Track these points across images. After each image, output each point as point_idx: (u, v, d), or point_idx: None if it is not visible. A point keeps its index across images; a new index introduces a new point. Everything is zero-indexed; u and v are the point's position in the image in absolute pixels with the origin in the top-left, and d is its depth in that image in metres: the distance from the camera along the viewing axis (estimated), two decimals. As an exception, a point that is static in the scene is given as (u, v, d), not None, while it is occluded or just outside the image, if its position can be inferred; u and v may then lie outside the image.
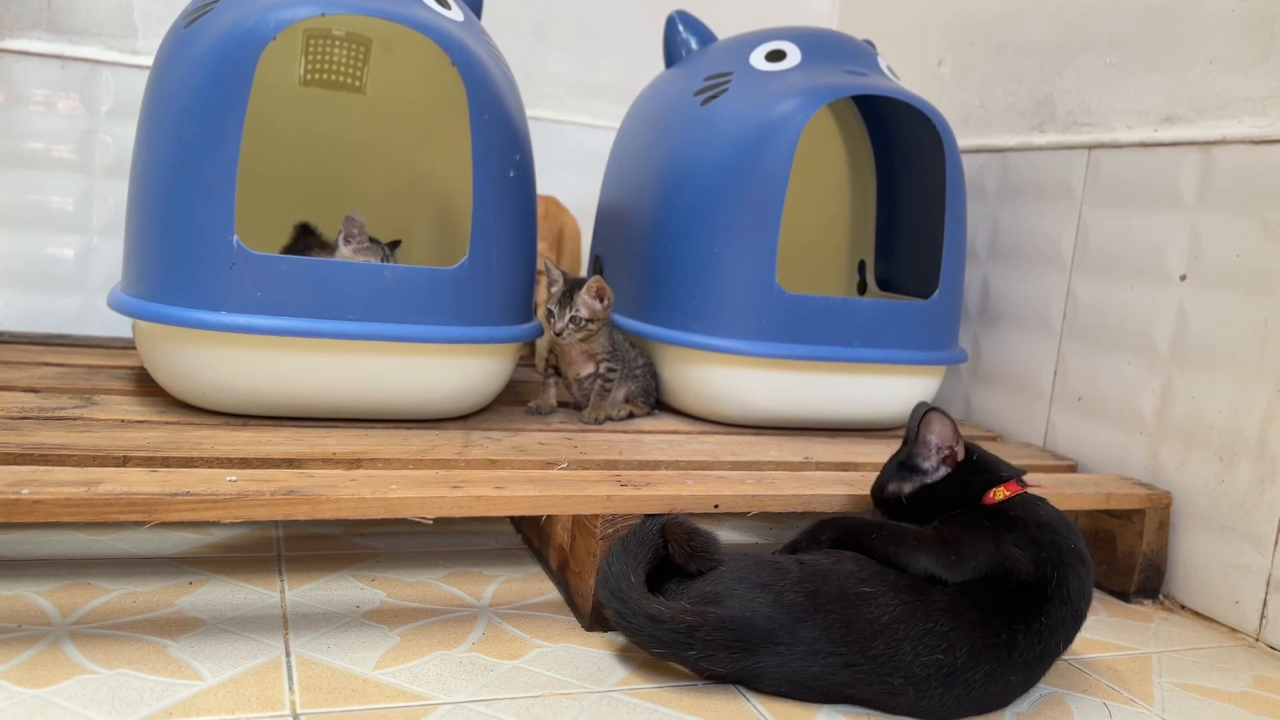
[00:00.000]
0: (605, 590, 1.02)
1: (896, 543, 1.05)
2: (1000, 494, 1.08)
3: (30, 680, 0.90)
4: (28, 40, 1.72)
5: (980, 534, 1.04)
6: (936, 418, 1.10)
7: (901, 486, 1.12)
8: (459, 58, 1.27)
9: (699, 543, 1.05)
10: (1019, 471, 1.12)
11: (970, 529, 1.05)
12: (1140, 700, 1.08)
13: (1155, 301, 1.45)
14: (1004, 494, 1.08)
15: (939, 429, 1.10)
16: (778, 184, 1.43)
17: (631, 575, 1.02)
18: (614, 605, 1.00)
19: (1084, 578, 1.04)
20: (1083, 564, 1.04)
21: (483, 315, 1.32)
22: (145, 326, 1.26)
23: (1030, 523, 1.05)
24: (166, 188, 1.21)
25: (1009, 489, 1.08)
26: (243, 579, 1.16)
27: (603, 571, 1.04)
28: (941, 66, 1.94)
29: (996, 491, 1.08)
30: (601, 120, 2.09)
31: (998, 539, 1.03)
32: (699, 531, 1.07)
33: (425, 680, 0.97)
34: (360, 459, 1.15)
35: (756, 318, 1.45)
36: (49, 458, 1.05)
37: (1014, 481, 1.10)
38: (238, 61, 1.19)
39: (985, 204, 1.78)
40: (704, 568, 1.04)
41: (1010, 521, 1.05)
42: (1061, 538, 1.04)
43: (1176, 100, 1.46)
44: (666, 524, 1.07)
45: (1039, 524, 1.05)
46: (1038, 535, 1.03)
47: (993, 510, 1.07)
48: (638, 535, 1.07)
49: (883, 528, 1.09)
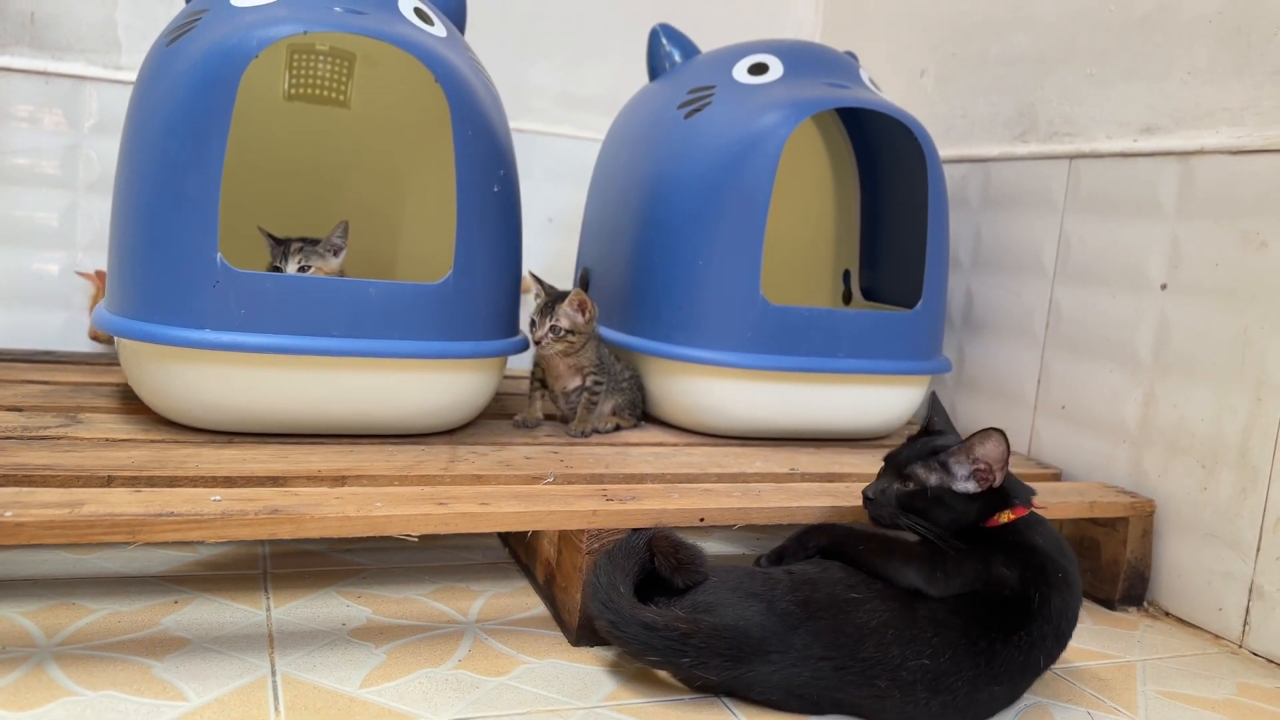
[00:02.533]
0: (596, 601, 1.02)
1: (885, 554, 1.06)
2: (1005, 518, 1.07)
3: (14, 703, 0.89)
4: (10, 56, 1.72)
5: (968, 555, 1.04)
6: (994, 437, 1.04)
7: (929, 476, 1.07)
8: (442, 74, 1.28)
9: (685, 555, 1.06)
10: (1030, 493, 1.10)
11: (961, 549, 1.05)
12: (1124, 709, 1.09)
13: (1137, 310, 1.46)
14: (1008, 518, 1.07)
15: (991, 448, 1.05)
16: (761, 196, 1.43)
17: (621, 586, 1.02)
18: (606, 616, 1.00)
19: (1068, 600, 1.04)
20: (1068, 588, 1.04)
21: (468, 330, 1.32)
22: (129, 344, 1.26)
23: (1024, 546, 1.04)
24: (149, 205, 1.21)
25: (1015, 513, 1.07)
26: (228, 597, 1.15)
27: (591, 583, 1.04)
28: (924, 77, 1.95)
29: (1001, 516, 1.07)
30: (586, 132, 2.10)
31: (987, 559, 1.03)
32: (685, 545, 1.07)
33: (411, 699, 0.97)
34: (345, 476, 1.15)
35: (742, 329, 1.45)
36: (33, 478, 1.04)
37: (1020, 506, 1.08)
38: (220, 79, 1.19)
39: (968, 213, 1.79)
40: (690, 581, 1.05)
41: (1003, 544, 1.05)
42: (1051, 562, 1.04)
43: (1156, 110, 1.47)
44: (653, 537, 1.08)
45: (1031, 548, 1.04)
46: (1028, 559, 1.03)
47: (990, 532, 1.07)
48: (624, 548, 1.08)
49: (871, 539, 1.09)
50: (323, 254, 1.48)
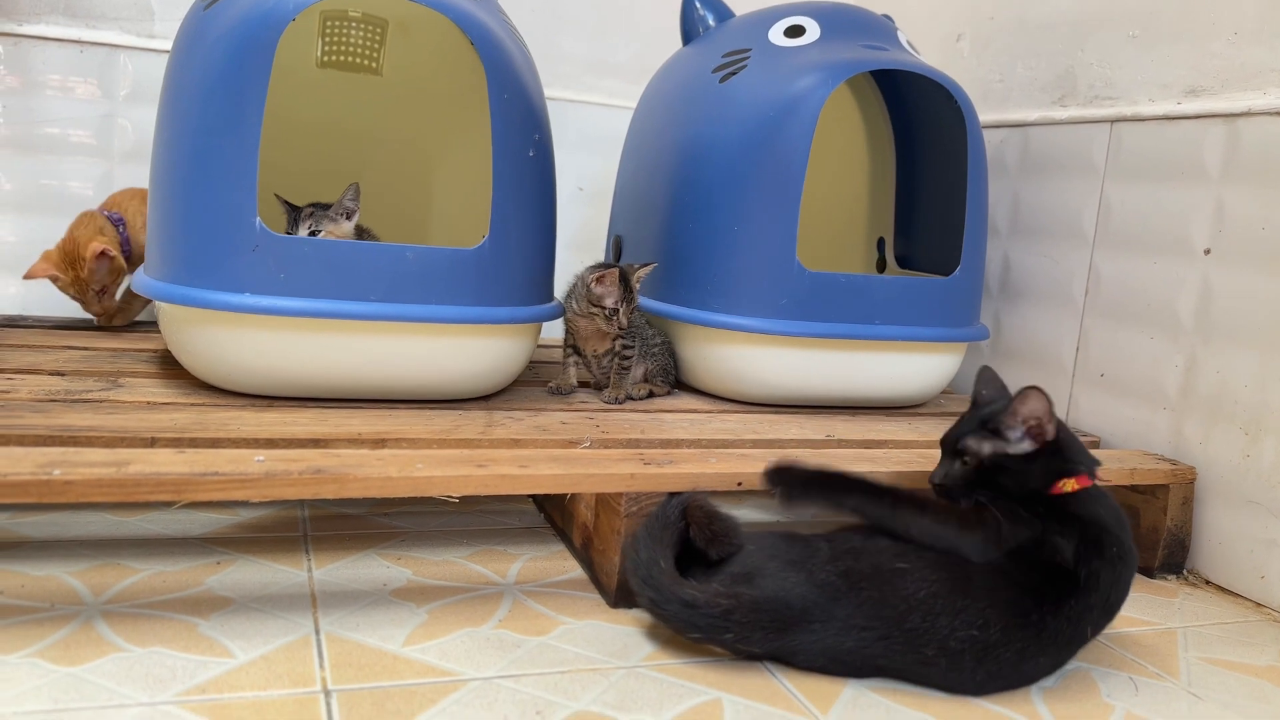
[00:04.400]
0: (636, 579, 1.02)
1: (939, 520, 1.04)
2: (1070, 486, 1.05)
3: (65, 659, 0.91)
4: (46, 25, 1.73)
5: (1022, 521, 1.02)
6: (1033, 394, 1.03)
7: (982, 446, 1.06)
8: (478, 38, 1.27)
9: (719, 527, 1.05)
10: (1094, 463, 1.08)
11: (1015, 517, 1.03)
12: (1167, 675, 1.08)
13: (1179, 276, 1.44)
14: (1072, 486, 1.05)
15: (1034, 404, 1.04)
16: (798, 160, 1.42)
17: (661, 561, 1.02)
18: (647, 594, 1.00)
19: (1121, 574, 1.02)
20: (1123, 561, 1.03)
21: (503, 295, 1.32)
22: (169, 309, 1.27)
23: (1084, 517, 1.03)
24: (188, 171, 1.22)
25: (1079, 482, 1.05)
26: (270, 558, 1.17)
27: (631, 560, 1.04)
28: (960, 41, 1.92)
29: (1066, 483, 1.05)
30: (616, 100, 2.08)
31: (1045, 526, 1.02)
32: (720, 515, 1.06)
33: (454, 656, 0.97)
34: (385, 439, 1.16)
35: (777, 296, 1.44)
36: (78, 439, 1.06)
37: (1084, 475, 1.06)
38: (258, 43, 1.19)
39: (1005, 179, 1.77)
40: (724, 553, 1.04)
41: (1064, 513, 1.03)
42: (1109, 534, 1.02)
43: (1201, 72, 1.44)
44: (688, 506, 1.07)
45: (1091, 519, 1.03)
46: (1086, 529, 1.02)
47: (1051, 500, 1.05)
48: (659, 519, 1.07)
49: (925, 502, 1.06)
50: (334, 218, 1.47)
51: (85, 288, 1.57)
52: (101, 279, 1.57)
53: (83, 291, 1.57)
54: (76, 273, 1.55)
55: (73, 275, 1.55)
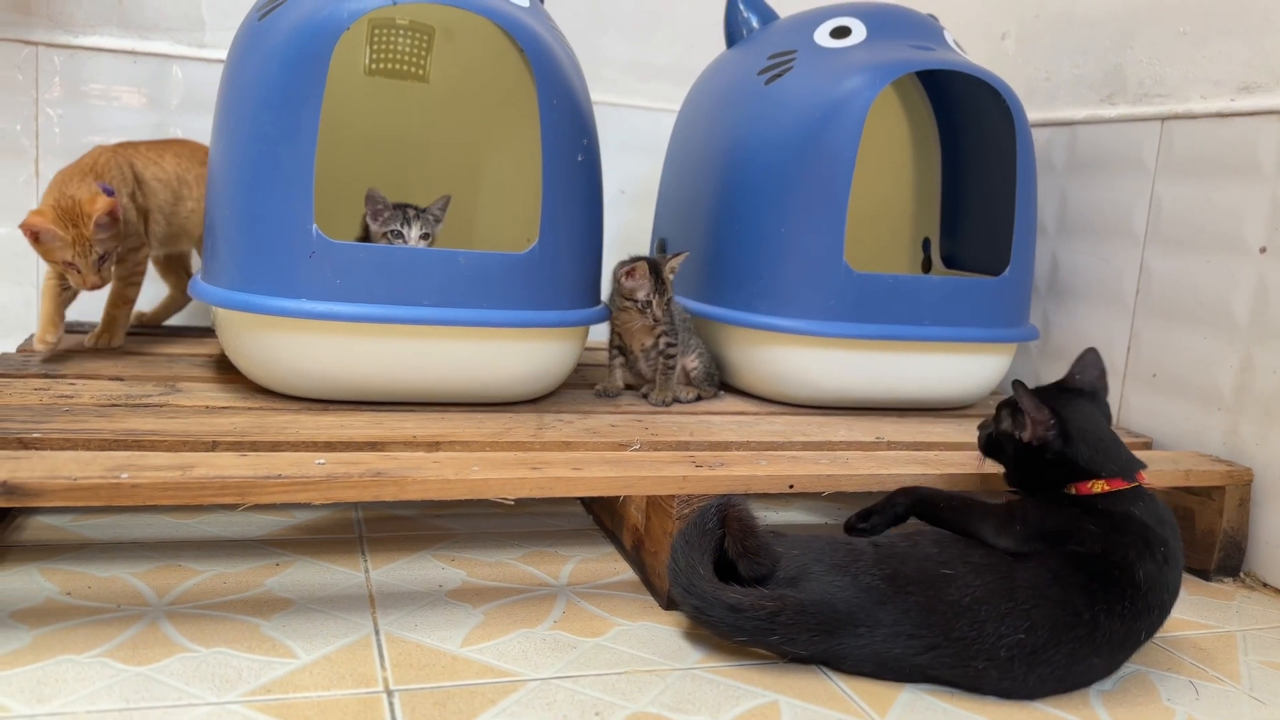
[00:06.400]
0: (678, 587, 1.02)
1: (963, 511, 1.08)
2: (1098, 487, 1.05)
3: (134, 658, 0.93)
4: (100, 36, 1.76)
5: (1048, 513, 1.04)
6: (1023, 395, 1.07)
7: (1004, 419, 1.13)
8: (527, 43, 1.28)
9: (753, 544, 1.03)
10: (1136, 466, 1.07)
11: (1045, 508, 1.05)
12: (1227, 679, 1.07)
13: (1234, 274, 1.42)
14: (1102, 488, 1.04)
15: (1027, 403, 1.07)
16: (845, 161, 1.42)
17: (700, 567, 1.02)
18: (690, 601, 1.00)
19: (1166, 572, 1.01)
20: (1167, 560, 1.02)
21: (553, 299, 1.33)
22: (226, 314, 1.29)
23: (1117, 514, 1.02)
24: (246, 179, 1.24)
25: (1110, 484, 1.05)
26: (327, 560, 1.18)
27: (671, 568, 1.04)
28: (1005, 39, 1.91)
29: (1095, 484, 1.05)
30: (659, 103, 2.09)
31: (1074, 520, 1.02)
32: (755, 532, 1.04)
33: (511, 657, 0.98)
34: (439, 442, 1.17)
35: (825, 297, 1.44)
36: (141, 443, 1.08)
37: (1116, 478, 1.05)
38: (313, 52, 1.21)
39: (1053, 178, 1.75)
40: (753, 573, 1.02)
41: (1095, 510, 1.03)
42: (1150, 532, 1.02)
43: (1254, 68, 1.42)
44: (727, 515, 1.06)
45: (1125, 516, 1.02)
46: (1120, 525, 1.01)
47: (1082, 498, 1.05)
48: (697, 527, 1.06)
49: (952, 498, 1.10)
50: (433, 225, 1.50)
51: (88, 249, 1.35)
52: (105, 243, 1.37)
53: (84, 253, 1.36)
54: (80, 230, 1.34)
55: (75, 233, 1.34)
